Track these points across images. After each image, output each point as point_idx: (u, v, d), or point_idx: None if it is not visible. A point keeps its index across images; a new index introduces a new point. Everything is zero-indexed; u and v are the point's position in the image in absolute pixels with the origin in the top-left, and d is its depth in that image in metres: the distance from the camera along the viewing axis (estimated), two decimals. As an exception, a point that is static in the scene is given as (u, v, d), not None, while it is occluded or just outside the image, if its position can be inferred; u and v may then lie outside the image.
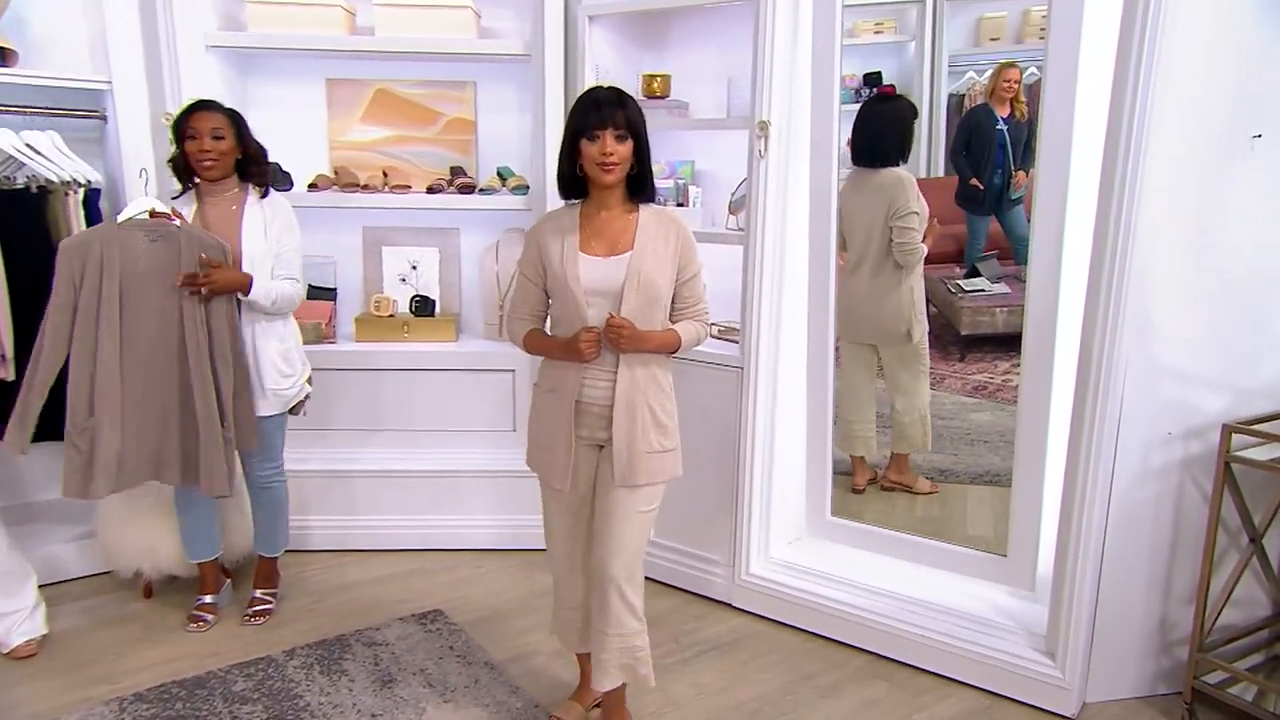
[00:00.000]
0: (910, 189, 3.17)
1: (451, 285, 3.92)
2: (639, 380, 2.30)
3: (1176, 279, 2.58)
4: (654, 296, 2.26)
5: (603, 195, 2.28)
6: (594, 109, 2.20)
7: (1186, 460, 2.65)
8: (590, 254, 2.28)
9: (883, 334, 3.32)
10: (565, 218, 2.33)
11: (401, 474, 3.68)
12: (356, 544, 3.70)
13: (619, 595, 2.34)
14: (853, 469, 3.46)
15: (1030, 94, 3.75)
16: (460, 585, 3.46)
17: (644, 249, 2.26)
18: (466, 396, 3.71)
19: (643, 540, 2.36)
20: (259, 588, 3.24)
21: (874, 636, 3.00)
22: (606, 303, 2.25)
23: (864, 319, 3.30)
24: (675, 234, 2.29)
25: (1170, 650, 2.73)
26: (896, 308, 3.26)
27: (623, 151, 2.21)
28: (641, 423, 2.30)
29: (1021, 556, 2.91)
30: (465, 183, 3.66)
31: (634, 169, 2.26)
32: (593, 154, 2.21)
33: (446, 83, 3.83)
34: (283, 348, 2.98)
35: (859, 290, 3.27)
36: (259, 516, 3.17)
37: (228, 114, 2.90)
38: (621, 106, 2.21)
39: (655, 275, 2.26)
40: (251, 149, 2.93)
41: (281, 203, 3.00)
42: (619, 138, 2.20)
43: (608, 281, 2.25)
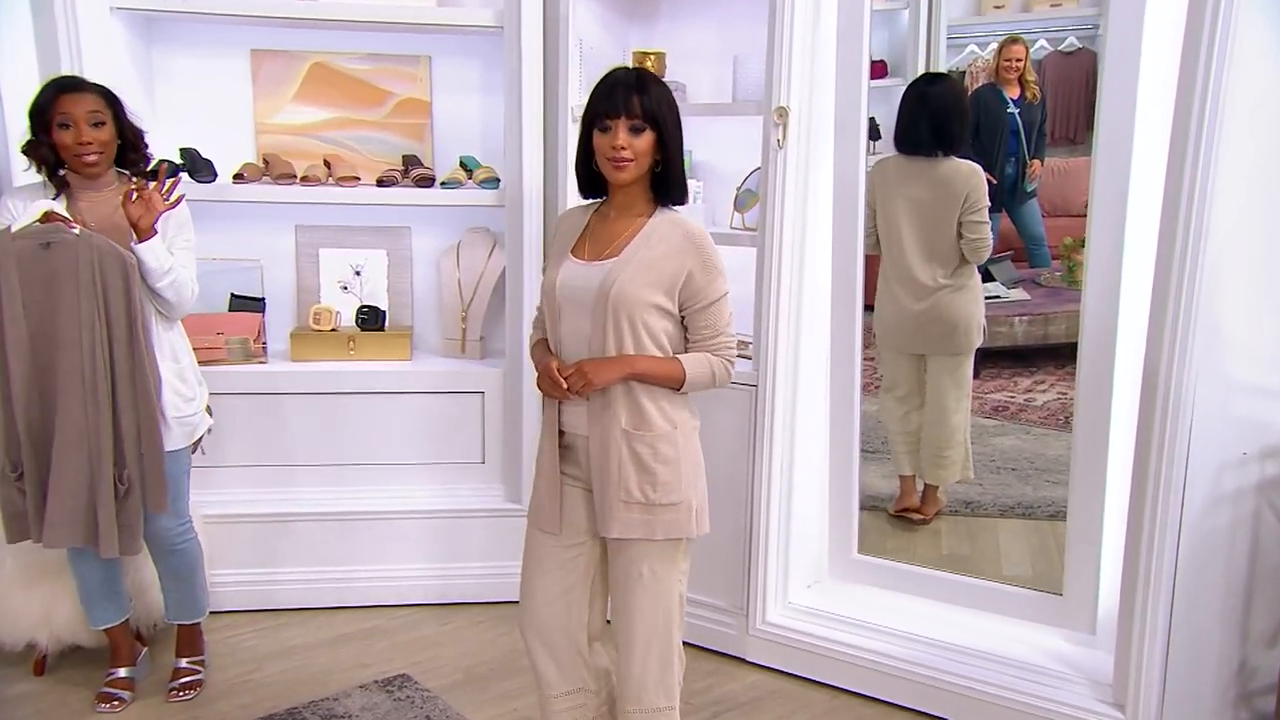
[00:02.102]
0: (983, 180, 3.10)
1: (402, 294, 3.72)
2: (616, 408, 2.10)
3: (1250, 282, 2.56)
4: (631, 315, 2.06)
5: (619, 195, 2.14)
6: (606, 94, 2.07)
7: (1263, 483, 2.63)
8: (577, 257, 2.16)
9: (942, 342, 3.25)
10: (581, 213, 2.24)
11: (350, 516, 3.49)
12: (294, 601, 3.49)
13: (634, 667, 2.20)
14: (902, 491, 3.37)
15: (1041, 70, 3.74)
16: (427, 645, 3.29)
17: (631, 258, 2.09)
18: (427, 424, 3.53)
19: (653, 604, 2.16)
20: (183, 656, 3.02)
21: (914, 691, 2.92)
22: (581, 313, 2.11)
23: (920, 325, 3.25)
24: (686, 249, 2.08)
25: (1250, 701, 2.70)
26: (965, 309, 3.21)
27: (639, 146, 2.06)
28: (617, 463, 2.10)
29: (1080, 596, 2.87)
30: (423, 174, 3.46)
31: (659, 166, 2.10)
32: (603, 148, 2.08)
33: (396, 57, 3.65)
34: (178, 366, 2.80)
35: (915, 293, 3.19)
36: (169, 583, 2.94)
37: (103, 94, 2.71)
38: (640, 91, 2.06)
39: (635, 290, 2.06)
40: (131, 133, 2.75)
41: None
42: (634, 129, 2.05)
43: (581, 290, 2.11)
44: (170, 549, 2.85)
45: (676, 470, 2.13)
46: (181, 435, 2.79)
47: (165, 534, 2.82)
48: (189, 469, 2.87)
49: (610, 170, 2.08)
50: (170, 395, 2.75)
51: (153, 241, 2.64)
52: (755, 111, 3.04)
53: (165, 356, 2.76)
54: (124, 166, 2.78)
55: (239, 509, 3.41)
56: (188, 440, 2.83)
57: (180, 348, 2.82)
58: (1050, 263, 3.91)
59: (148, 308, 2.69)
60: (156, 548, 2.85)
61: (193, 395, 2.82)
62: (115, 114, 2.70)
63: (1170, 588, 2.60)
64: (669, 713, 2.25)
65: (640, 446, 2.10)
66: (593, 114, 2.09)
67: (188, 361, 2.84)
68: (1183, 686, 2.65)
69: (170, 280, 2.67)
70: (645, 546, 2.14)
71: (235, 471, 3.44)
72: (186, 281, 2.73)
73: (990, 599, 3.02)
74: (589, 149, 2.13)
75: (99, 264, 2.60)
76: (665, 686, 2.22)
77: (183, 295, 2.72)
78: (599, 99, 2.08)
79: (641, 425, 2.10)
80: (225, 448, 3.35)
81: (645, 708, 2.22)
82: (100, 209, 2.71)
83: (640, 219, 2.13)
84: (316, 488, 3.51)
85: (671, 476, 2.12)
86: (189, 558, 2.90)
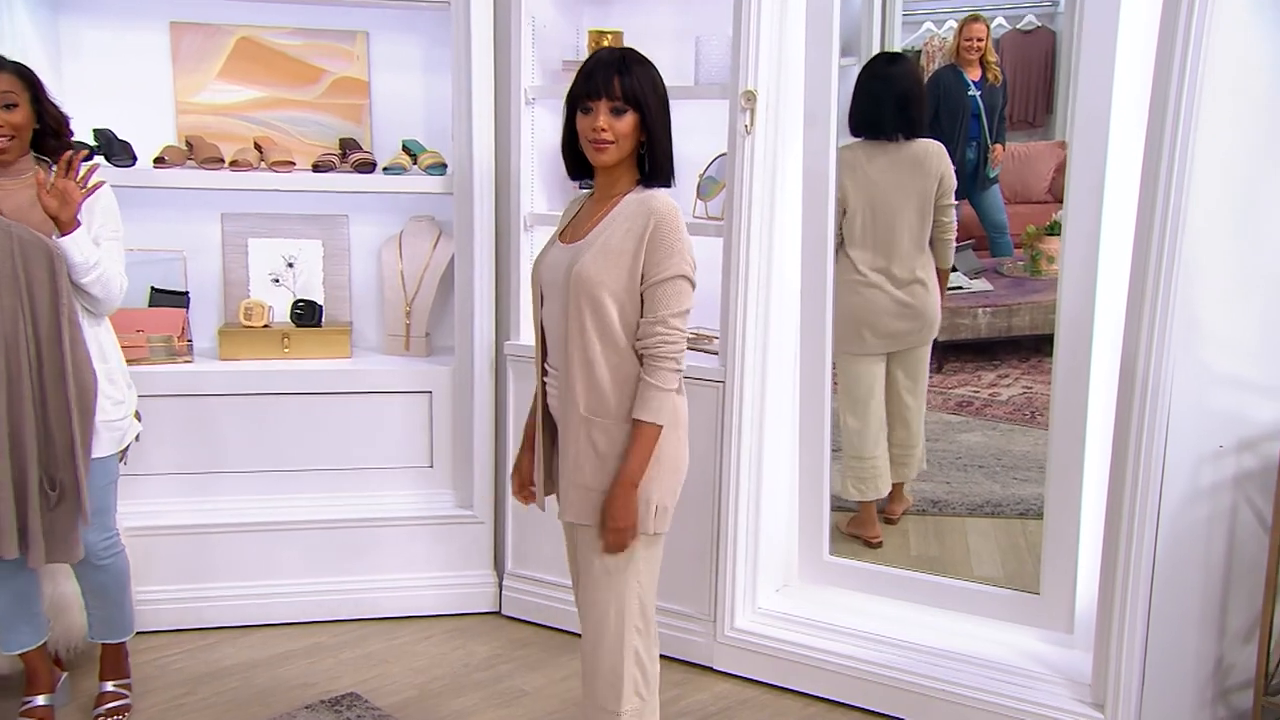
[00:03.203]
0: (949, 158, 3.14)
1: (340, 287, 3.63)
2: (578, 388, 2.13)
3: (1227, 273, 2.63)
4: (592, 298, 2.09)
5: (603, 177, 2.19)
6: (587, 76, 2.12)
7: (1240, 476, 2.71)
8: (561, 241, 2.23)
9: (916, 330, 3.29)
10: (581, 198, 2.32)
11: (286, 527, 3.40)
12: (226, 618, 3.40)
13: (586, 662, 2.27)
14: (863, 516, 3.37)
15: (999, 50, 3.80)
16: (375, 662, 3.23)
17: (594, 240, 2.12)
18: (368, 426, 3.46)
19: (608, 600, 2.20)
20: (108, 679, 2.92)
21: (890, 696, 2.95)
22: (556, 298, 2.17)
23: (900, 316, 3.27)
24: (645, 225, 2.09)
25: (1227, 698, 2.78)
26: (934, 301, 3.25)
27: (620, 127, 2.10)
28: (575, 444, 2.16)
29: (1058, 594, 2.93)
30: (363, 159, 3.38)
31: (644, 147, 2.14)
32: (584, 130, 2.12)
33: (330, 32, 3.58)
34: (106, 367, 2.69)
35: (894, 284, 3.22)
36: (94, 600, 2.84)
37: (18, 73, 2.59)
38: (622, 72, 2.10)
39: (594, 273, 2.09)
40: (51, 116, 2.64)
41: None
42: (616, 111, 2.09)
43: (554, 272, 2.18)
44: (95, 564, 2.75)
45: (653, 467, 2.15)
46: (109, 441, 2.69)
47: (90, 548, 2.71)
48: (116, 478, 2.77)
49: (591, 152, 2.12)
50: (99, 398, 2.65)
51: (76, 234, 2.54)
52: (720, 95, 3.02)
53: (95, 355, 2.65)
54: (44, 153, 2.66)
55: (164, 520, 3.30)
56: (116, 447, 2.72)
57: (108, 346, 2.72)
58: (1013, 251, 3.97)
59: (75, 303, 2.58)
60: (80, 563, 2.75)
61: (122, 398, 2.72)
62: (33, 96, 2.59)
63: (1149, 585, 2.67)
64: (613, 716, 2.24)
65: (597, 434, 2.14)
66: (575, 95, 2.13)
67: (116, 362, 2.74)
68: (1161, 685, 2.72)
69: (97, 275, 2.57)
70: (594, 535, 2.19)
71: (160, 480, 3.33)
72: (114, 276, 2.63)
73: (966, 600, 3.06)
74: (574, 131, 2.16)
75: (21, 255, 2.48)
76: (614, 690, 2.22)
77: (110, 290, 2.62)
78: (581, 80, 2.12)
79: (600, 412, 2.14)
80: (149, 454, 3.24)
81: (597, 705, 2.26)
82: (15, 198, 2.59)
83: (618, 199, 2.16)
84: (249, 496, 3.41)
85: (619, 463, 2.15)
86: (115, 573, 2.80)
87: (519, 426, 3.38)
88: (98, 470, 2.65)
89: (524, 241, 3.32)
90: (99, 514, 2.69)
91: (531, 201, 3.32)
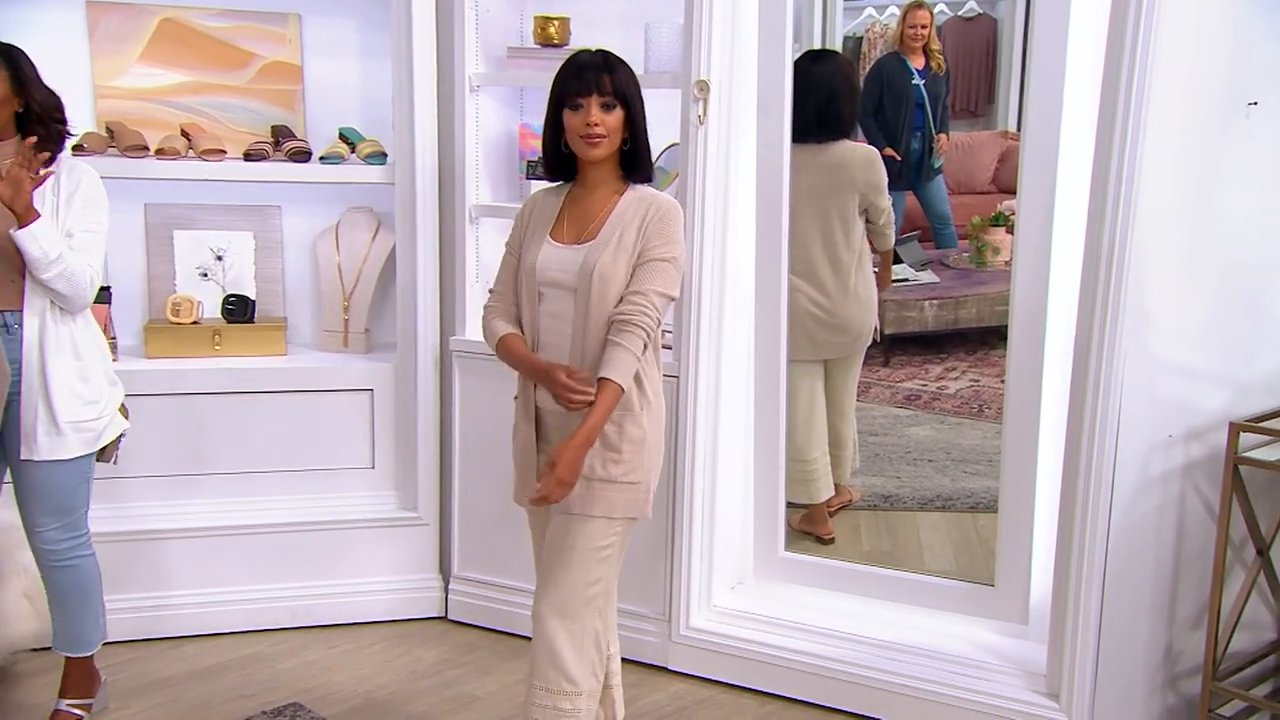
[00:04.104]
0: (881, 164, 3.17)
1: (273, 281, 3.56)
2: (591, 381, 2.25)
3: (1175, 265, 2.72)
4: (612, 294, 2.25)
5: (590, 174, 2.32)
6: (576, 75, 2.26)
7: (1188, 465, 2.80)
8: (557, 240, 2.33)
9: (845, 342, 3.33)
10: (553, 196, 2.41)
11: (219, 532, 3.34)
12: (153, 630, 3.32)
13: (545, 640, 2.31)
14: (814, 514, 3.41)
15: (943, 37, 3.86)
16: (315, 671, 3.19)
17: (608, 239, 2.28)
18: (307, 426, 3.40)
19: (582, 580, 2.32)
20: (66, 697, 2.82)
21: (846, 691, 3.00)
22: (563, 296, 2.30)
23: (823, 327, 3.30)
24: (648, 216, 2.27)
25: (1176, 685, 2.88)
26: (866, 304, 3.27)
27: (610, 122, 2.24)
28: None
29: (1012, 587, 3.00)
30: (297, 147, 3.31)
31: (627, 144, 2.29)
32: (576, 125, 2.25)
33: (260, 14, 3.52)
34: (78, 364, 2.63)
35: (812, 293, 3.24)
36: (54, 606, 2.77)
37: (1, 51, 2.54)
38: (609, 71, 2.26)
39: (614, 270, 2.25)
40: (37, 101, 2.57)
41: (82, 168, 2.68)
42: (606, 106, 2.24)
43: (564, 273, 2.30)
44: (57, 564, 2.71)
45: (641, 450, 2.30)
46: (79, 443, 2.63)
47: (55, 546, 2.68)
48: (90, 478, 2.72)
49: (584, 147, 2.25)
50: (66, 397, 2.60)
51: (33, 227, 2.45)
52: (670, 84, 3.03)
53: (62, 352, 2.59)
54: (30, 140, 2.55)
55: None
56: (87, 448, 2.66)
57: (84, 344, 2.64)
58: (957, 243, 4.05)
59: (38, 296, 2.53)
60: (43, 562, 2.71)
61: (95, 398, 2.65)
62: (15, 76, 2.52)
63: (1102, 574, 2.75)
64: (572, 697, 2.32)
65: (607, 425, 2.25)
66: (563, 93, 2.26)
67: (94, 360, 2.66)
68: (1114, 673, 2.80)
69: (60, 270, 2.50)
70: (596, 524, 2.29)
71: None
72: (81, 270, 2.54)
73: (922, 593, 3.13)
74: (557, 129, 2.29)
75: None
76: (577, 669, 2.32)
77: (77, 286, 2.54)
78: (569, 79, 2.25)
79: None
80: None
81: (551, 688, 2.31)
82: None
83: (614, 197, 2.31)
84: (179, 501, 3.34)
85: (635, 455, 2.29)
86: (80, 577, 2.74)
87: (465, 424, 3.36)
88: (63, 471, 2.62)
89: (469, 234, 3.29)
90: (62, 513, 2.66)
91: (477, 193, 3.29)
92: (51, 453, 2.59)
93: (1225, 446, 2.69)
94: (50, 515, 2.66)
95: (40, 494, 2.64)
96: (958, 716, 2.87)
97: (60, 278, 2.50)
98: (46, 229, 2.48)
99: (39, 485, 2.64)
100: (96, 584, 2.79)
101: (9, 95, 2.52)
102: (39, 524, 2.66)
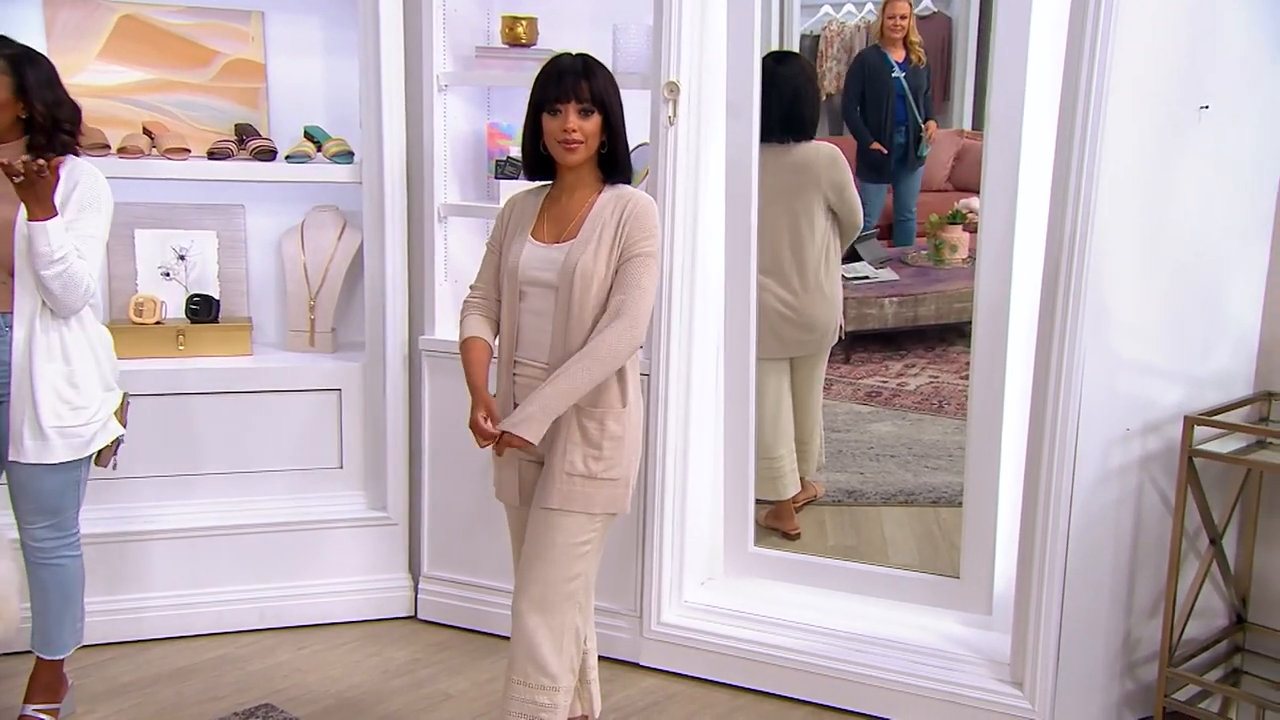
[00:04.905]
0: (844, 163, 3.23)
1: (236, 281, 3.55)
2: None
3: (1133, 263, 2.82)
4: (593, 291, 2.31)
5: (569, 176, 2.38)
6: (555, 80, 2.31)
7: (1145, 458, 2.91)
8: (538, 240, 2.39)
9: (812, 340, 3.39)
10: (532, 196, 2.47)
11: (184, 534, 3.33)
12: (118, 633, 3.30)
13: (524, 635, 2.35)
14: (780, 509, 3.47)
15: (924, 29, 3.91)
16: (286, 672, 3.20)
17: (588, 237, 2.33)
18: (273, 427, 3.41)
19: (562, 575, 2.36)
20: (34, 702, 2.82)
21: (815, 684, 3.07)
22: (545, 294, 2.35)
23: (790, 325, 3.37)
24: (625, 213, 2.33)
25: (1134, 671, 2.99)
26: (832, 301, 3.35)
27: (588, 128, 2.30)
28: (566, 434, 2.34)
29: (977, 578, 3.09)
30: (262, 146, 3.31)
31: (605, 147, 2.34)
32: (554, 130, 2.31)
33: (222, 11, 3.52)
34: (66, 369, 2.63)
35: (780, 291, 3.30)
36: (39, 603, 2.77)
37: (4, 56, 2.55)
38: (588, 77, 2.31)
39: (595, 265, 2.31)
40: (39, 112, 2.57)
41: (83, 169, 2.67)
42: (583, 112, 2.30)
43: (545, 271, 2.36)
44: (42, 562, 2.73)
45: (620, 446, 2.36)
46: (65, 448, 2.63)
47: (41, 544, 2.71)
48: (81, 481, 2.72)
49: (561, 152, 2.31)
50: (51, 402, 2.60)
51: (49, 222, 2.47)
52: (639, 85, 3.07)
53: (50, 357, 2.59)
54: (32, 149, 2.56)
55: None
56: (74, 454, 2.65)
57: (74, 348, 2.63)
58: (914, 239, 4.13)
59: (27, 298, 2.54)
60: (29, 558, 2.74)
61: (84, 404, 2.64)
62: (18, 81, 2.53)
63: (1063, 565, 2.84)
64: (550, 692, 2.37)
65: (588, 421, 2.33)
66: (541, 98, 2.32)
67: (84, 366, 2.64)
68: (1075, 661, 2.90)
69: (61, 270, 2.50)
70: (576, 519, 2.34)
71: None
72: (81, 276, 2.55)
73: (889, 586, 3.20)
74: (535, 132, 2.35)
75: None
76: (557, 662, 2.37)
77: (72, 291, 2.55)
78: (548, 84, 2.31)
79: (592, 400, 2.33)
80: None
81: (529, 682, 2.36)
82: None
83: (592, 197, 2.37)
84: (145, 503, 3.32)
85: (614, 451, 2.35)
86: (64, 577, 2.76)
87: (435, 424, 3.37)
88: (49, 474, 2.64)
89: (438, 233, 3.31)
90: (50, 513, 2.69)
91: (445, 192, 3.31)
92: (37, 456, 2.60)
93: (1180, 439, 2.80)
94: (39, 515, 2.69)
95: (28, 494, 2.67)
96: (925, 706, 2.95)
97: (59, 278, 2.51)
98: (60, 228, 2.50)
99: (25, 486, 2.66)
100: (78, 587, 2.80)
101: (10, 100, 2.53)
102: (28, 521, 2.70)
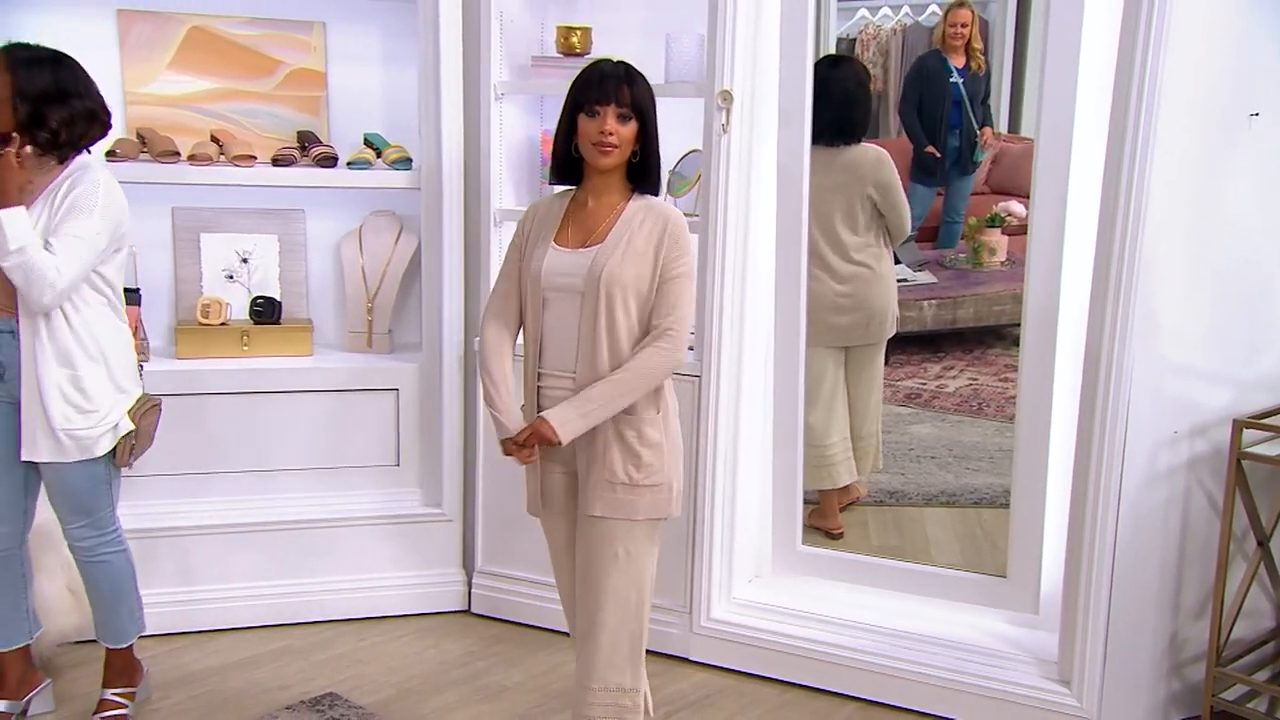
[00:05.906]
0: (891, 166, 3.30)
1: (297, 283, 3.67)
2: None
3: (1181, 268, 2.87)
4: (619, 297, 2.30)
5: (597, 181, 2.37)
6: (597, 82, 2.31)
7: (1193, 461, 2.96)
8: (561, 245, 2.38)
9: (861, 323, 3.44)
10: (556, 202, 2.46)
11: (246, 529, 3.44)
12: (187, 623, 3.43)
13: (595, 643, 2.39)
14: (824, 508, 3.54)
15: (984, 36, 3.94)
16: (348, 663, 3.31)
17: (616, 243, 2.33)
18: (334, 426, 3.52)
19: (623, 583, 2.39)
20: (111, 686, 2.94)
21: (864, 680, 3.14)
22: (569, 301, 2.34)
23: (832, 314, 3.44)
24: (662, 227, 2.33)
25: (1181, 671, 3.04)
26: (885, 294, 3.43)
27: (624, 133, 2.30)
28: (604, 444, 2.34)
29: (1024, 578, 3.14)
30: (324, 153, 3.42)
31: (636, 156, 2.35)
32: (590, 132, 2.30)
33: (286, 22, 3.62)
34: (72, 374, 2.67)
35: (822, 279, 3.39)
36: (94, 598, 2.89)
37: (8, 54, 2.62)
38: (629, 83, 2.32)
39: (622, 271, 2.30)
40: (41, 111, 2.60)
41: (90, 174, 2.68)
42: (622, 117, 2.30)
43: (569, 276, 2.34)
44: (86, 560, 2.83)
45: (660, 453, 2.37)
46: (76, 449, 2.70)
47: (82, 544, 2.80)
48: (110, 479, 2.79)
49: (595, 154, 2.31)
50: (60, 405, 2.66)
51: (5, 212, 2.50)
52: (693, 94, 3.15)
53: (55, 360, 2.65)
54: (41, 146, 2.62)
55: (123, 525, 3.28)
56: (86, 454, 2.71)
57: (80, 352, 2.67)
58: (957, 242, 4.17)
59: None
60: (78, 559, 2.84)
61: (92, 408, 2.69)
62: (13, 82, 2.58)
63: (1110, 565, 2.90)
64: (634, 694, 2.44)
65: (627, 430, 2.33)
66: (580, 99, 2.32)
67: (92, 369, 2.68)
68: (1122, 660, 2.96)
69: (18, 262, 2.50)
70: (622, 527, 2.36)
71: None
72: (43, 269, 2.51)
73: (935, 584, 3.27)
74: (569, 133, 2.34)
75: None
76: (634, 668, 2.43)
77: (35, 285, 2.52)
78: (589, 86, 2.31)
79: (629, 408, 2.33)
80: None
81: (611, 686, 2.41)
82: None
83: (620, 204, 2.37)
84: (211, 498, 3.44)
85: (655, 459, 2.36)
86: (111, 573, 2.85)
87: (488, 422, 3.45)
88: (72, 473, 2.70)
89: (494, 238, 3.41)
90: (84, 513, 2.76)
91: (501, 197, 3.41)
92: (51, 455, 2.67)
93: (1229, 442, 2.85)
94: (74, 514, 2.77)
95: (59, 494, 2.76)
96: (973, 702, 3.01)
97: (19, 270, 2.51)
98: (20, 219, 2.51)
99: (53, 485, 2.75)
100: (129, 579, 2.89)
101: (7, 99, 2.57)
102: (66, 521, 2.79)
